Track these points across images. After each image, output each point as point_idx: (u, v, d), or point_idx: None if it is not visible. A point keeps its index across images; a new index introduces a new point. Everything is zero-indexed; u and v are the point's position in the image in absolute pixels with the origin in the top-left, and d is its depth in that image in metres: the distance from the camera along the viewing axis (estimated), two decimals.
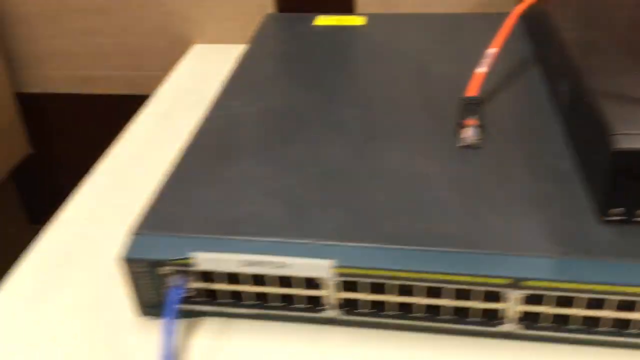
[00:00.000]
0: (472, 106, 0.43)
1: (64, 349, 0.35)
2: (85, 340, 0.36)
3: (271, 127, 0.44)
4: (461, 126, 0.41)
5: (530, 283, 0.31)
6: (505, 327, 0.33)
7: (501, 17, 0.57)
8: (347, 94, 0.48)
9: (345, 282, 0.33)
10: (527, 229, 0.34)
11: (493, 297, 0.32)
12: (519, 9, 0.47)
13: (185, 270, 0.34)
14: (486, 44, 0.47)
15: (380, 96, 0.47)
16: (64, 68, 0.75)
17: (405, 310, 0.34)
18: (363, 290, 0.34)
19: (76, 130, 0.80)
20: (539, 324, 0.33)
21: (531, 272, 0.31)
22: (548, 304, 0.32)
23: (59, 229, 0.44)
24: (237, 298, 0.35)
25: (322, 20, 0.61)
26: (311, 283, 0.34)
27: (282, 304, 0.35)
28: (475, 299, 0.33)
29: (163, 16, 0.71)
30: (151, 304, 0.36)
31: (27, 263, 0.41)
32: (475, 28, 0.57)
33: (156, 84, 0.66)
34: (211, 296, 0.35)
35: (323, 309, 0.35)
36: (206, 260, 0.33)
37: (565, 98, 0.42)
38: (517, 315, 0.33)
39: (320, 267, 0.33)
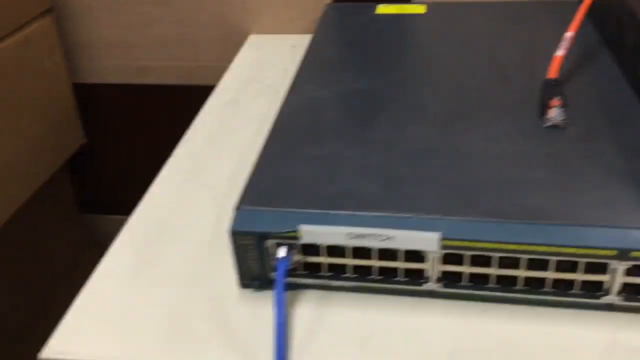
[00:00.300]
0: (554, 87, 0.43)
1: (168, 321, 0.36)
2: (188, 313, 0.37)
3: (352, 109, 0.45)
4: (546, 107, 0.42)
5: (637, 254, 0.32)
6: (608, 299, 0.34)
7: (558, 5, 0.58)
8: (422, 77, 0.48)
9: (447, 255, 0.34)
10: (626, 203, 0.34)
11: (598, 269, 0.33)
12: None
13: (290, 243, 0.35)
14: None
15: (455, 79, 0.48)
16: (121, 58, 0.76)
17: (505, 283, 0.35)
18: (465, 263, 0.34)
19: (130, 120, 0.81)
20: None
21: (638, 243, 0.32)
22: None
23: (147, 210, 0.45)
24: (336, 271, 0.36)
25: (384, 9, 0.62)
26: (412, 256, 0.35)
27: (382, 276, 0.36)
28: (579, 271, 0.33)
29: (220, 7, 0.72)
30: (253, 276, 0.37)
31: (120, 242, 0.42)
32: (532, 16, 0.58)
33: (211, 74, 0.67)
34: (313, 269, 0.36)
35: (424, 282, 0.35)
36: (313, 233, 0.34)
37: None
38: (620, 287, 0.33)
39: (428, 240, 0.33)
